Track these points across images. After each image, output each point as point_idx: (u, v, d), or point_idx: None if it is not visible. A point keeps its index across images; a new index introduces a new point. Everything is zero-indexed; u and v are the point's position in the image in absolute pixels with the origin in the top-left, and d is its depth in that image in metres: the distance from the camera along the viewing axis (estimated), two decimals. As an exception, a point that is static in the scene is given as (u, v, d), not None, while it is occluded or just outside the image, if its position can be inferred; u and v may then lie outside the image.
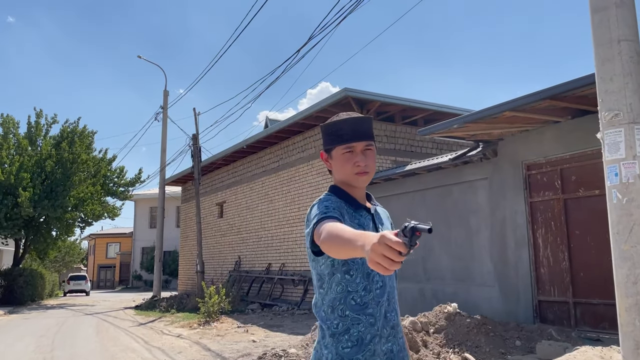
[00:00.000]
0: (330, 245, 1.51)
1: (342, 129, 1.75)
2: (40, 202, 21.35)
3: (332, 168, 1.81)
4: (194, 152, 16.62)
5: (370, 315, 1.71)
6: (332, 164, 1.80)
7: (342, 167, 1.75)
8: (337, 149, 1.76)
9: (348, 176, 1.76)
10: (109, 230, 51.40)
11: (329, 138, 1.79)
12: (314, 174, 14.13)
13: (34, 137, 23.63)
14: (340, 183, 1.82)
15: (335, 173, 1.80)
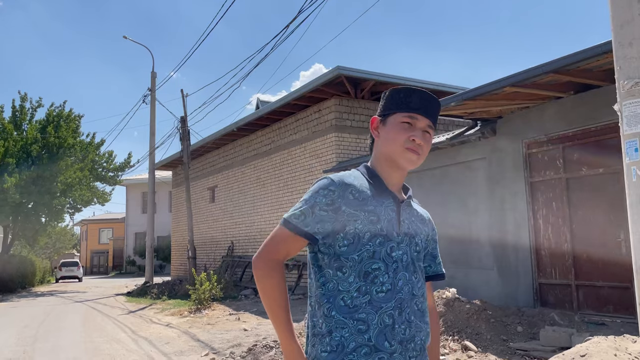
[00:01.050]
0: (263, 298, 1.47)
1: (410, 96, 1.53)
2: (27, 187, 20.89)
3: (380, 138, 1.56)
4: (182, 136, 16.16)
5: (360, 321, 1.41)
6: (381, 133, 1.55)
7: (395, 136, 1.51)
8: (396, 115, 1.53)
9: (396, 149, 1.51)
10: (101, 215, 50.94)
11: (391, 102, 1.55)
12: (307, 157, 13.75)
13: (19, 122, 23.04)
14: (379, 160, 1.56)
15: (382, 144, 1.55)
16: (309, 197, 1.46)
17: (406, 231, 1.51)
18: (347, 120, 12.95)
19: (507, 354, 5.62)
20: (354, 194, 1.45)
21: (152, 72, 22.94)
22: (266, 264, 1.45)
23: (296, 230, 1.43)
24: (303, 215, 1.43)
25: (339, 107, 12.92)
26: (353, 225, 1.44)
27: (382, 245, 1.45)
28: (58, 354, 6.89)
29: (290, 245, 1.46)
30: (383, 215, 1.47)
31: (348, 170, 1.59)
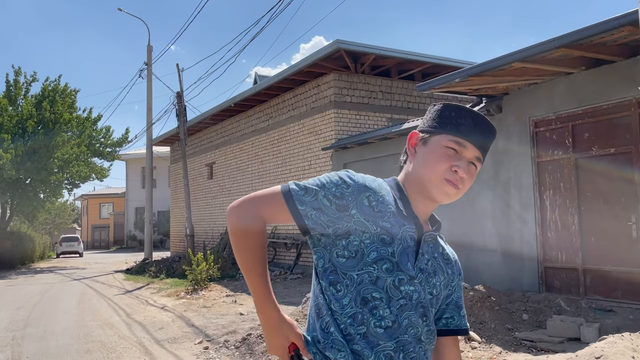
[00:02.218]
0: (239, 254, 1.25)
1: (463, 118, 1.27)
2: (23, 164, 20.61)
3: (416, 158, 1.29)
4: (178, 112, 15.77)
5: (355, 354, 1.19)
6: (419, 153, 1.29)
7: (435, 162, 1.25)
8: (442, 137, 1.26)
9: (433, 178, 1.25)
10: (102, 190, 50.86)
11: (439, 119, 1.28)
12: (305, 134, 13.40)
13: (14, 97, 22.61)
14: (410, 182, 1.30)
15: (418, 166, 1.28)
16: (321, 178, 1.25)
17: (423, 267, 1.24)
18: (347, 96, 12.55)
19: (513, 344, 5.39)
20: (370, 201, 1.21)
21: (148, 46, 22.38)
22: (247, 212, 1.21)
23: (288, 201, 1.21)
24: (304, 191, 1.21)
25: (339, 82, 12.50)
26: (359, 236, 1.18)
27: (390, 273, 1.19)
28: (48, 340, 6.69)
29: (277, 210, 1.22)
30: (399, 239, 1.20)
31: (348, 147, 1.35)
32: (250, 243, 1.22)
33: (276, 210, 1.22)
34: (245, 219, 1.22)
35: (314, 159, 12.94)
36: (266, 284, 1.23)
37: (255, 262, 1.22)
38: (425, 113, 1.35)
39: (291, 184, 1.23)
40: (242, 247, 1.22)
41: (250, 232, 1.22)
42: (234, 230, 1.23)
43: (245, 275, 1.24)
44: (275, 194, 1.22)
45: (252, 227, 1.22)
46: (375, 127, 12.56)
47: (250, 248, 1.22)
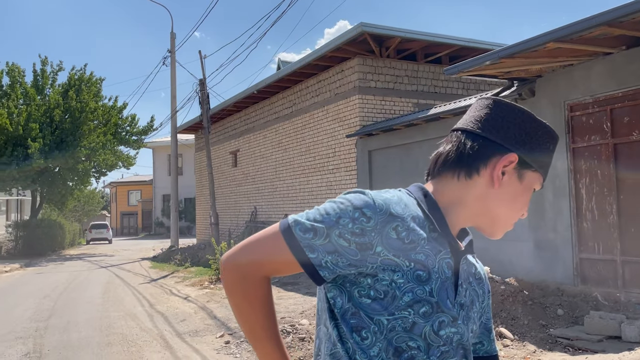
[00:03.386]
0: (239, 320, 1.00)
1: (550, 150, 1.03)
2: (50, 152, 20.87)
3: (501, 189, 1.00)
4: (201, 99, 15.65)
5: None
6: (508, 185, 1.00)
7: (522, 206, 1.03)
8: (536, 176, 1.02)
9: (510, 222, 1.04)
10: (130, 178, 51.60)
11: (539, 151, 1.01)
12: (329, 120, 13.13)
13: (41, 86, 22.89)
14: (456, 202, 1.02)
15: (497, 201, 1.01)
16: (331, 209, 0.94)
17: (463, 301, 1.00)
18: (372, 81, 12.21)
19: (548, 342, 5.10)
20: (399, 232, 0.93)
21: (172, 33, 22.35)
22: (245, 273, 0.95)
23: (295, 251, 0.93)
24: (313, 234, 0.92)
25: (363, 67, 12.16)
26: (389, 275, 0.92)
27: (428, 317, 0.94)
28: (70, 332, 6.67)
29: (280, 264, 0.95)
30: (436, 271, 0.95)
31: (373, 134, 1.03)
32: (254, 313, 0.98)
33: (281, 264, 0.95)
34: (243, 282, 0.96)
35: (338, 147, 12.69)
36: (278, 351, 0.99)
37: (264, 332, 0.98)
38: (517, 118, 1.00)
39: (293, 225, 0.94)
40: (244, 318, 0.99)
41: (252, 299, 0.97)
42: (231, 295, 0.98)
43: (252, 345, 1.01)
44: (277, 241, 0.94)
45: (254, 293, 0.97)
46: (401, 112, 12.21)
47: (256, 319, 0.98)
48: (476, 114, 1.03)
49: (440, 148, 1.06)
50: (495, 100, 1.03)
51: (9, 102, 21.16)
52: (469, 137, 1.01)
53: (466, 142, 1.01)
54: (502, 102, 1.02)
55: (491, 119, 1.01)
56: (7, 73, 22.23)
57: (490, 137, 0.99)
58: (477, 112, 1.03)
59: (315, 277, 0.94)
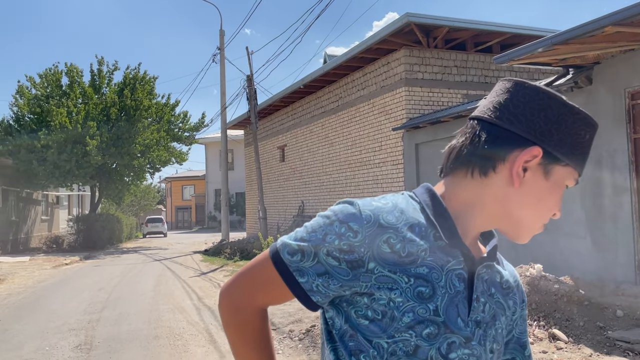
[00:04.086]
0: (236, 351, 0.93)
1: (585, 139, 0.87)
2: (107, 149, 21.69)
3: (522, 188, 0.85)
4: (249, 95, 15.79)
5: None
6: (531, 183, 0.85)
7: (550, 207, 0.87)
8: (568, 171, 0.87)
9: (536, 225, 0.89)
10: (183, 173, 53.12)
11: (572, 142, 0.85)
12: (375, 114, 12.94)
13: (98, 85, 23.79)
14: (471, 203, 0.89)
15: (519, 202, 0.86)
16: (317, 225, 0.85)
17: (480, 317, 0.87)
18: (419, 73, 11.92)
19: (605, 345, 4.80)
20: (392, 244, 0.82)
21: (221, 30, 22.67)
22: (236, 311, 0.89)
23: (284, 277, 0.85)
24: (301, 255, 0.84)
25: (410, 58, 11.89)
26: (386, 294, 0.82)
27: (434, 339, 0.82)
28: (121, 324, 6.87)
29: (273, 292, 0.88)
30: (442, 286, 0.83)
31: (420, 127, 0.89)
32: (246, 349, 0.91)
33: (274, 292, 0.88)
34: (236, 315, 0.90)
35: (384, 140, 12.49)
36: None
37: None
38: (542, 103, 0.85)
39: (281, 248, 0.86)
40: (237, 354, 0.93)
41: (244, 333, 0.90)
42: (225, 328, 0.92)
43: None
44: (266, 268, 0.86)
45: (247, 326, 0.90)
46: (450, 104, 11.87)
47: (249, 355, 0.91)
48: (495, 99, 0.88)
49: (453, 140, 0.92)
50: (516, 83, 0.87)
51: (69, 101, 22.12)
52: (484, 128, 0.87)
53: (481, 133, 0.86)
54: (525, 85, 0.86)
55: (512, 105, 0.85)
56: (66, 73, 23.23)
57: (508, 128, 0.85)
58: (496, 97, 0.88)
59: (308, 303, 0.86)
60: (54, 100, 22.26)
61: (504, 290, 0.93)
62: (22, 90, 22.42)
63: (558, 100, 0.85)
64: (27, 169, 21.33)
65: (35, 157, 20.99)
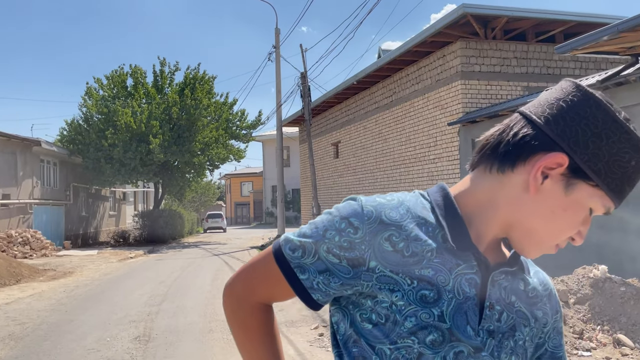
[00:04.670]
0: (238, 343, 0.91)
1: (629, 165, 0.76)
2: (169, 147, 22.47)
3: (537, 197, 0.77)
4: (303, 92, 15.88)
5: None
6: (548, 194, 0.77)
7: (564, 228, 0.79)
8: (596, 193, 0.77)
9: (546, 244, 0.81)
10: (242, 170, 54.28)
11: (609, 164, 0.75)
12: (430, 108, 12.67)
13: (161, 86, 24.67)
14: (483, 205, 0.83)
15: (531, 214, 0.79)
16: (320, 221, 0.82)
17: (494, 327, 0.80)
18: (476, 65, 11.56)
19: (676, 354, 4.47)
20: (394, 243, 0.78)
21: (276, 29, 22.90)
22: (240, 301, 0.88)
23: (285, 273, 0.82)
24: (302, 251, 0.81)
25: (466, 50, 11.55)
26: (387, 296, 0.78)
27: (438, 347, 0.77)
28: (178, 317, 7.10)
29: (274, 289, 0.85)
30: (450, 290, 0.78)
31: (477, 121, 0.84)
32: (251, 344, 0.89)
33: (275, 288, 0.85)
34: (239, 310, 0.88)
35: (439, 135, 12.21)
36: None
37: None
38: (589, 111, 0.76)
39: (283, 244, 0.83)
40: (242, 350, 0.90)
41: (248, 327, 0.88)
42: (229, 323, 0.90)
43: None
44: (268, 264, 0.84)
45: (250, 322, 0.88)
46: (509, 97, 11.44)
47: (254, 350, 0.89)
48: (549, 96, 0.81)
49: (488, 131, 0.85)
50: (573, 83, 0.79)
51: (133, 101, 23.09)
52: (520, 122, 0.80)
53: (515, 126, 0.80)
54: (578, 87, 0.78)
55: (559, 106, 0.77)
56: (131, 75, 24.26)
57: (541, 127, 0.77)
58: (550, 95, 0.81)
59: (309, 301, 0.82)
60: (119, 100, 23.31)
61: (529, 299, 0.86)
62: (90, 91, 23.60)
63: (608, 113, 0.75)
64: (95, 167, 22.47)
65: (102, 155, 22.09)
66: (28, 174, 19.61)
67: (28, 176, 19.59)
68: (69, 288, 10.20)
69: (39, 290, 9.85)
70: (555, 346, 0.91)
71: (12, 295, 9.35)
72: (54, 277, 11.77)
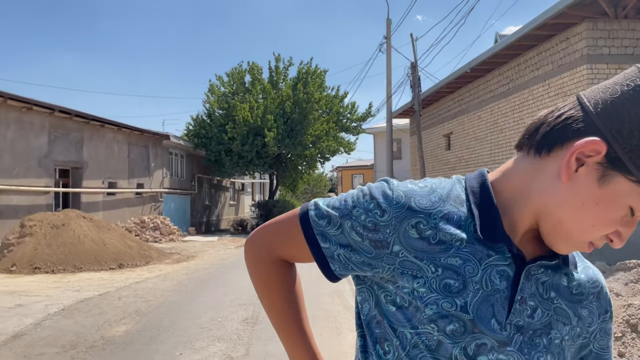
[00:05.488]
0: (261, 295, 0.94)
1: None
2: (282, 141, 23.34)
3: (569, 184, 0.71)
4: (412, 83, 15.60)
5: None
6: (580, 184, 0.70)
7: (582, 211, 0.71)
8: (631, 187, 0.68)
9: (576, 239, 0.73)
10: (353, 162, 54.74)
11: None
12: (551, 96, 11.80)
13: (275, 81, 25.65)
14: (519, 195, 0.77)
15: (561, 203, 0.72)
16: (350, 197, 0.82)
17: (524, 322, 0.76)
18: (604, 48, 10.54)
19: None
20: (421, 230, 0.76)
21: (387, 19, 22.72)
22: (260, 255, 0.89)
23: (307, 237, 0.82)
24: (327, 220, 0.81)
25: (593, 32, 10.57)
26: (409, 282, 0.76)
27: (459, 338, 0.74)
28: (284, 303, 7.37)
29: (294, 249, 0.86)
30: (477, 281, 0.74)
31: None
32: (270, 295, 0.92)
33: (296, 250, 0.85)
34: (259, 263, 0.90)
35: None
36: (307, 349, 0.92)
37: (282, 315, 0.92)
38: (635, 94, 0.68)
39: (312, 208, 0.83)
40: (263, 300, 0.94)
41: (267, 280, 0.90)
42: (251, 275, 0.93)
43: (275, 329, 0.95)
44: (293, 225, 0.84)
45: (269, 274, 0.90)
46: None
47: (273, 301, 0.92)
48: (610, 80, 0.74)
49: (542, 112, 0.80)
50: (638, 68, 0.70)
51: (250, 97, 24.29)
52: (571, 105, 0.73)
53: (563, 108, 0.74)
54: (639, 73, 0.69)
55: (614, 91, 0.70)
56: (248, 71, 25.51)
57: (589, 111, 0.70)
58: (613, 79, 0.74)
59: (326, 270, 0.82)
60: (238, 96, 24.67)
61: (573, 296, 0.80)
62: (212, 88, 25.23)
63: None
64: (216, 159, 24.05)
65: (223, 148, 23.56)
66: (159, 165, 21.49)
67: (159, 167, 21.47)
68: (190, 271, 11.03)
69: (164, 272, 10.78)
70: (601, 347, 0.84)
71: (141, 275, 10.33)
72: (178, 260, 12.81)
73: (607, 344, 0.85)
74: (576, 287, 0.81)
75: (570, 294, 0.80)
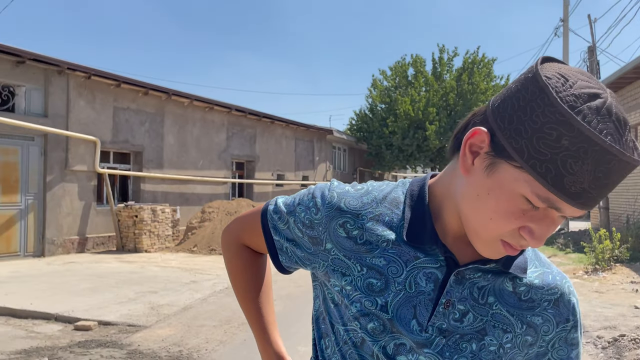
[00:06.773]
0: (231, 277, 1.03)
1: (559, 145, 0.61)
2: (444, 134, 22.82)
3: (467, 179, 0.71)
4: (590, 68, 14.05)
5: None
6: (475, 177, 0.70)
7: (478, 203, 0.70)
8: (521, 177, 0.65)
9: (482, 235, 0.71)
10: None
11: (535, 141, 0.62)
12: None
13: (439, 73, 25.10)
14: (445, 200, 0.78)
15: (463, 199, 0.73)
16: (299, 194, 0.89)
17: (448, 326, 0.76)
18: None
19: None
20: (349, 230, 0.80)
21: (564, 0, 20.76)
22: (230, 241, 1.00)
23: (264, 230, 0.90)
24: (279, 216, 0.88)
25: None
26: (338, 280, 0.80)
27: (379, 335, 0.78)
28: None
29: (257, 240, 0.94)
30: (400, 282, 0.77)
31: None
32: (235, 277, 1.02)
33: (257, 239, 0.93)
34: (229, 248, 1.01)
35: None
36: (259, 317, 1.01)
37: (245, 295, 1.01)
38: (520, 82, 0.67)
39: (271, 204, 0.91)
40: (231, 281, 1.04)
41: (234, 264, 1.01)
42: (223, 256, 1.04)
43: (240, 304, 1.05)
44: (257, 218, 0.93)
45: (236, 259, 1.00)
46: None
47: (237, 282, 1.02)
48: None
49: None
50: (535, 63, 0.67)
51: (412, 90, 24.15)
52: (486, 105, 0.73)
53: (478, 109, 0.75)
54: (537, 65, 0.65)
55: (510, 86, 0.69)
56: (411, 64, 25.36)
57: (488, 107, 0.70)
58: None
59: (275, 260, 0.90)
60: (400, 90, 24.69)
61: (521, 302, 0.78)
62: (375, 83, 25.63)
63: (538, 83, 0.63)
64: (377, 153, 24.45)
65: (383, 142, 23.86)
66: (322, 158, 22.62)
67: (322, 161, 22.60)
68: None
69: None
70: (560, 357, 0.80)
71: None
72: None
73: (567, 355, 0.81)
74: (525, 292, 0.78)
75: (518, 300, 0.78)
